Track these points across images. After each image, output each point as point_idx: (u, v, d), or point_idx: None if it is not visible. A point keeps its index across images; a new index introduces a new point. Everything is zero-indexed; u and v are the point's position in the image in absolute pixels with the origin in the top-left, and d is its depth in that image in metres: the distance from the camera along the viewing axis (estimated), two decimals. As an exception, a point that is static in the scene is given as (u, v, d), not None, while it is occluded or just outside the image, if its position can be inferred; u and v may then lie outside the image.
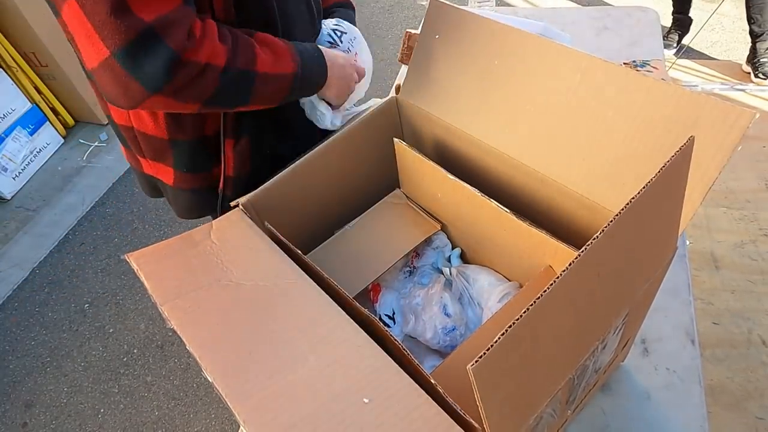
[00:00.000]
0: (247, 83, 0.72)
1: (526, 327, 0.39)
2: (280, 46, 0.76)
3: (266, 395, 0.54)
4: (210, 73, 0.67)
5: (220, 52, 0.67)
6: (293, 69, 0.77)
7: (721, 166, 0.57)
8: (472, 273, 0.85)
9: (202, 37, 0.65)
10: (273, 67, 0.74)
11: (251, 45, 0.73)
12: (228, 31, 0.71)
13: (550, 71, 0.70)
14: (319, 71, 0.83)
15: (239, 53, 0.70)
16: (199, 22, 0.66)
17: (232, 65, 0.69)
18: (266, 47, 0.75)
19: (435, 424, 0.50)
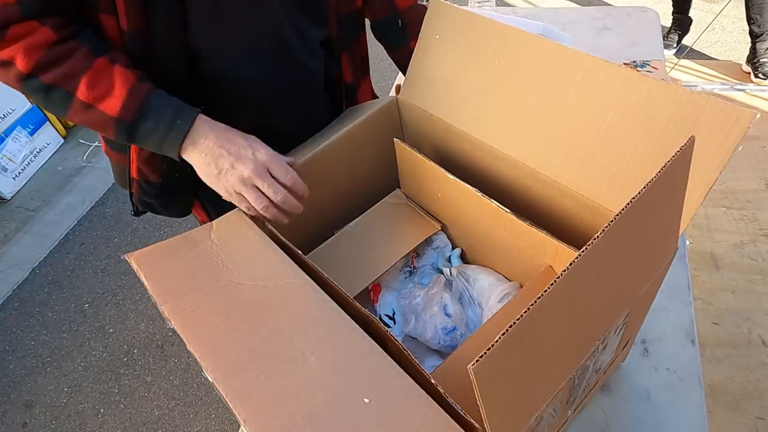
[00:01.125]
0: (61, 99, 0.71)
1: (527, 327, 0.39)
2: (123, 82, 0.71)
3: (266, 395, 0.54)
4: (12, 70, 0.68)
5: (25, 58, 0.68)
6: (118, 114, 0.71)
7: (722, 167, 0.57)
8: (472, 273, 0.85)
9: (13, 40, 0.67)
10: (95, 100, 0.71)
11: (81, 66, 0.70)
12: (67, 46, 0.70)
13: (551, 71, 0.70)
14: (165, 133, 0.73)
15: (57, 68, 0.69)
16: (22, 25, 0.67)
17: (40, 76, 0.69)
18: (105, 76, 0.71)
19: (435, 424, 0.50)
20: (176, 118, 0.73)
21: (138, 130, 0.73)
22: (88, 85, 0.70)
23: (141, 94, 0.72)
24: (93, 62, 0.70)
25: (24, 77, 0.69)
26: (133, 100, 0.71)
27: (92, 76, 0.70)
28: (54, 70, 0.69)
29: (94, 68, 0.70)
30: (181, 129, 0.73)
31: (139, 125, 0.72)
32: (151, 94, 0.73)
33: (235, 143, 0.74)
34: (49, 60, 0.69)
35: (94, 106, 0.71)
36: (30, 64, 0.68)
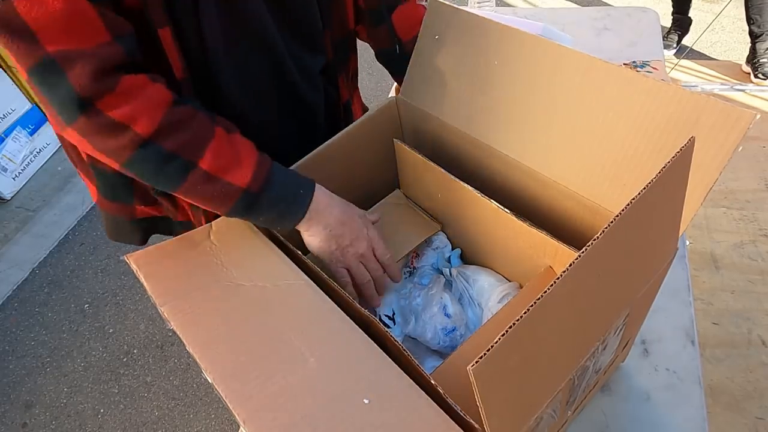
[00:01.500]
0: (178, 170, 0.64)
1: (527, 327, 0.39)
2: (247, 152, 0.67)
3: (266, 396, 0.54)
4: (128, 135, 0.60)
5: (146, 119, 0.60)
6: (247, 185, 0.66)
7: (722, 167, 0.57)
8: (472, 273, 0.85)
9: (128, 94, 0.59)
10: (221, 171, 0.65)
11: (206, 134, 0.65)
12: (186, 109, 0.64)
13: (550, 72, 0.70)
14: (288, 205, 0.70)
15: (179, 134, 0.62)
16: (138, 79, 0.60)
17: (160, 142, 0.61)
18: (228, 145, 0.66)
19: (435, 424, 0.50)
20: (298, 188, 0.71)
21: (261, 202, 0.68)
22: (214, 155, 0.64)
23: (267, 164, 0.68)
24: (215, 130, 0.65)
25: (142, 143, 0.60)
26: (261, 171, 0.67)
27: (218, 144, 0.65)
28: (177, 135, 0.62)
29: (218, 136, 0.65)
30: (304, 201, 0.71)
31: (263, 197, 0.68)
32: (273, 164, 0.70)
33: (354, 220, 0.75)
34: (172, 123, 0.62)
35: (220, 178, 0.65)
36: (152, 127, 0.60)
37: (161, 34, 0.64)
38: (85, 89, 0.57)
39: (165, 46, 0.65)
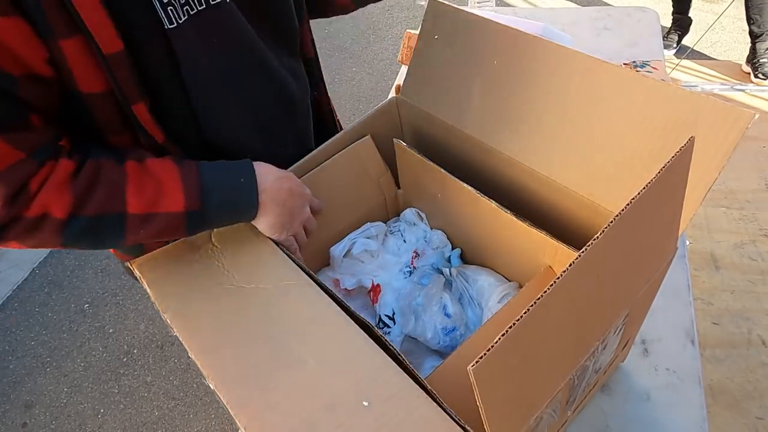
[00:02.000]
0: (113, 227, 0.62)
1: (527, 327, 0.39)
2: (168, 174, 0.64)
3: (266, 400, 0.54)
4: (48, 224, 0.59)
5: (57, 202, 0.58)
6: (185, 207, 0.63)
7: (721, 167, 0.57)
8: (472, 273, 0.85)
9: (36, 192, 0.58)
10: (152, 206, 0.62)
11: (118, 181, 0.61)
12: (89, 167, 0.61)
13: (550, 72, 0.70)
14: (237, 202, 0.68)
15: (94, 195, 0.60)
16: (42, 171, 0.58)
17: (81, 213, 0.59)
18: (146, 178, 0.63)
19: (435, 425, 0.50)
20: (238, 179, 0.67)
21: (209, 213, 0.65)
22: (137, 195, 0.62)
23: (193, 174, 0.65)
24: (125, 169, 0.62)
25: (64, 224, 0.59)
26: (192, 185, 0.64)
27: (134, 183, 0.62)
28: (92, 198, 0.60)
29: (130, 174, 0.62)
30: (251, 191, 0.68)
31: (209, 208, 0.65)
32: (199, 168, 0.66)
33: (296, 184, 0.74)
34: (82, 191, 0.59)
35: (156, 213, 0.63)
36: (66, 204, 0.59)
37: (136, 110, 0.62)
38: (2, 216, 0.56)
39: (141, 120, 0.64)
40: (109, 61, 0.57)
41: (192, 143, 0.71)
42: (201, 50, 0.65)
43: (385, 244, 0.92)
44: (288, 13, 0.78)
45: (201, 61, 0.65)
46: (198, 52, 0.65)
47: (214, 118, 0.71)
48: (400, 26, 3.42)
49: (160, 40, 0.61)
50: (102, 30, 0.55)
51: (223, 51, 0.68)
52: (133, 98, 0.61)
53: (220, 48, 0.67)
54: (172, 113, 0.67)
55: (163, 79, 0.64)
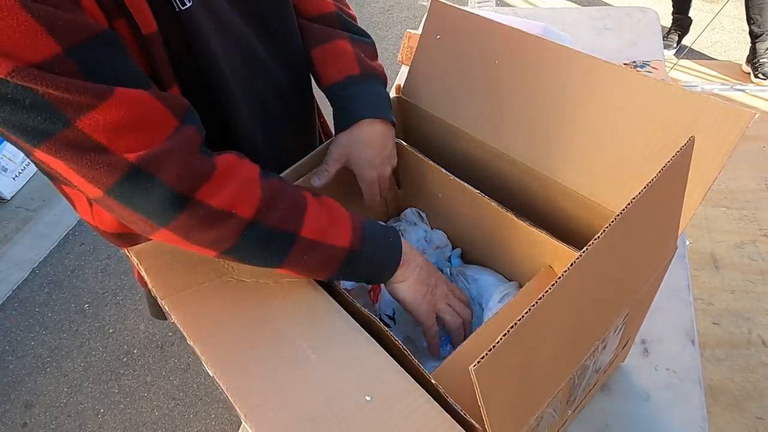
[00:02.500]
0: (282, 245, 0.60)
1: (528, 327, 0.39)
2: (339, 211, 0.65)
3: (267, 391, 0.54)
4: (232, 221, 0.56)
5: (246, 200, 0.57)
6: (349, 244, 0.64)
7: (721, 166, 0.57)
8: (472, 273, 0.85)
9: (225, 178, 0.55)
10: (322, 234, 0.62)
11: (300, 201, 0.62)
12: (275, 179, 0.62)
13: (551, 72, 0.70)
14: (386, 254, 0.69)
15: (279, 207, 0.59)
16: (225, 157, 0.57)
17: (264, 220, 0.58)
18: (322, 208, 0.64)
19: (437, 423, 0.50)
20: (387, 236, 0.68)
21: (362, 258, 0.65)
22: (313, 220, 0.61)
23: (358, 219, 0.66)
24: (304, 193, 0.63)
25: (247, 226, 0.57)
26: (358, 227, 0.65)
27: (313, 209, 0.62)
28: (277, 209, 0.59)
29: (310, 201, 0.63)
30: (397, 247, 0.69)
31: (365, 252, 0.65)
32: (361, 217, 0.67)
33: (432, 266, 0.75)
34: (270, 198, 0.58)
35: (322, 242, 0.62)
36: (254, 207, 0.57)
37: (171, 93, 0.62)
38: (182, 185, 0.53)
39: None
40: (148, 41, 0.56)
41: (214, 135, 0.70)
42: (208, 35, 0.64)
43: (386, 243, 0.92)
44: (276, 5, 0.77)
45: (211, 46, 0.65)
46: (206, 37, 0.64)
47: (228, 107, 0.70)
48: (400, 26, 3.42)
49: (176, 23, 0.60)
50: (140, 10, 0.55)
51: (222, 38, 0.67)
52: (168, 81, 0.61)
53: (220, 35, 0.67)
54: (196, 101, 0.65)
55: (186, 65, 0.63)
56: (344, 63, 0.80)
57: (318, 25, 0.82)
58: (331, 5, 0.84)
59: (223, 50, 0.67)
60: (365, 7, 3.63)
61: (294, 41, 0.80)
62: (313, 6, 0.83)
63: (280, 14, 0.77)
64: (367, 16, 3.51)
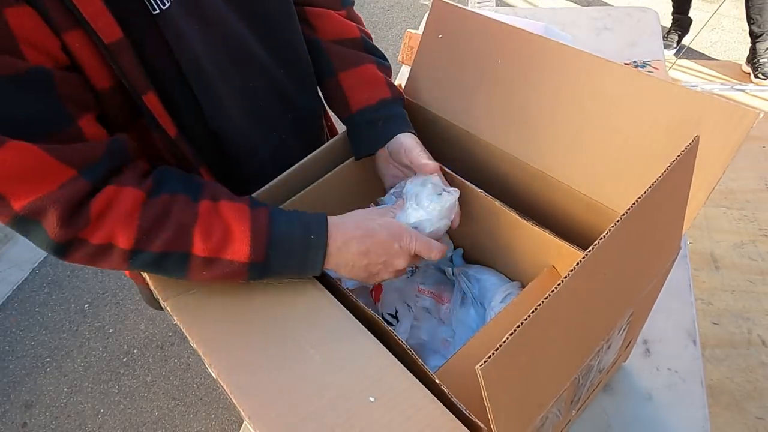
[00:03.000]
0: (177, 263, 0.60)
1: (535, 327, 0.39)
2: (239, 220, 0.61)
3: (271, 391, 0.54)
4: (115, 252, 0.58)
5: (123, 233, 0.57)
6: (249, 258, 0.61)
7: (725, 166, 0.57)
8: (474, 273, 0.85)
9: (101, 217, 0.56)
10: (217, 251, 0.60)
11: (187, 221, 0.60)
12: (161, 200, 0.60)
13: (554, 71, 0.70)
14: (304, 262, 0.64)
15: (160, 232, 0.59)
16: (104, 196, 0.57)
17: (146, 247, 0.58)
18: (216, 220, 0.61)
19: (440, 423, 0.50)
20: (308, 234, 0.64)
21: (272, 266, 0.63)
22: (204, 238, 0.60)
23: (263, 225, 0.62)
24: (197, 209, 0.61)
25: (130, 255, 0.58)
26: (260, 236, 0.61)
27: (203, 225, 0.60)
28: (159, 235, 0.58)
29: (202, 216, 0.61)
30: (319, 245, 0.64)
31: (273, 261, 0.62)
32: (271, 220, 0.63)
33: (379, 244, 0.67)
34: (150, 225, 0.58)
35: (218, 258, 0.60)
36: (131, 238, 0.58)
37: (147, 101, 0.62)
38: (60, 236, 0.56)
39: (154, 111, 0.63)
40: (112, 50, 0.56)
41: (202, 138, 0.71)
42: (190, 37, 0.64)
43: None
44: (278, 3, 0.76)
45: (192, 47, 0.64)
46: (187, 38, 0.64)
47: (216, 109, 0.70)
48: (401, 26, 3.42)
49: (152, 27, 0.60)
50: (100, 19, 0.54)
51: (208, 37, 0.67)
52: (141, 88, 0.61)
53: (205, 34, 0.66)
54: (180, 106, 0.66)
55: (164, 68, 0.63)
56: (377, 87, 0.82)
57: (344, 48, 0.84)
58: (355, 30, 0.85)
59: (209, 51, 0.67)
60: (365, 7, 3.62)
61: (296, 41, 0.80)
62: (336, 29, 0.84)
63: (282, 14, 0.77)
64: (367, 16, 3.51)
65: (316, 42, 0.83)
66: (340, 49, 0.83)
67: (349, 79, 0.83)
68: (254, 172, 0.78)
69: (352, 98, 0.82)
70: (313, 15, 0.83)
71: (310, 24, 0.84)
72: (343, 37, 0.84)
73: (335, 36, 0.84)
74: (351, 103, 0.82)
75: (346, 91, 0.83)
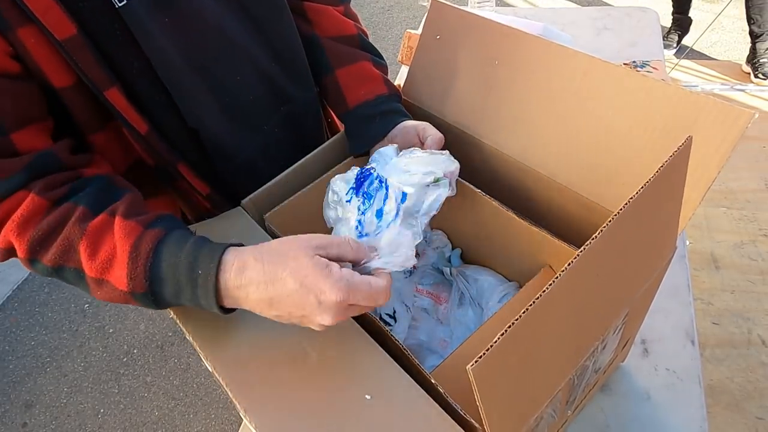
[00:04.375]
0: (75, 278, 0.56)
1: (526, 327, 0.39)
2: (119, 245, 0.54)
3: (268, 386, 0.54)
4: (19, 258, 0.57)
5: (20, 241, 0.55)
6: (128, 287, 0.54)
7: (721, 166, 0.57)
8: (472, 273, 0.85)
9: (2, 222, 0.55)
10: (103, 272, 0.55)
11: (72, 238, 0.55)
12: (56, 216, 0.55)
13: (551, 72, 0.70)
14: (194, 296, 0.54)
15: (50, 245, 0.55)
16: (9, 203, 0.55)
17: (40, 258, 0.56)
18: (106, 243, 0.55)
19: (436, 423, 0.50)
20: (194, 270, 0.53)
21: (161, 296, 0.55)
22: (88, 256, 0.54)
23: (144, 250, 0.54)
24: (88, 224, 0.55)
25: (30, 264, 0.56)
26: (137, 264, 0.54)
27: (89, 242, 0.55)
28: (49, 247, 0.55)
29: (90, 231, 0.55)
30: (206, 286, 0.53)
31: (158, 291, 0.55)
32: (158, 246, 0.54)
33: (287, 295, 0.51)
34: (41, 236, 0.55)
35: (105, 280, 0.55)
36: (24, 247, 0.55)
37: (110, 97, 0.60)
38: None
39: (118, 107, 0.61)
40: (66, 46, 0.55)
41: (178, 133, 0.70)
42: (158, 29, 0.62)
43: (386, 243, 0.92)
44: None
45: (160, 41, 0.63)
46: (155, 32, 0.62)
47: (191, 104, 0.69)
48: (400, 26, 3.42)
49: (114, 21, 0.59)
50: (50, 15, 0.54)
51: (180, 30, 0.65)
52: (103, 84, 0.59)
53: (177, 27, 0.65)
54: (151, 100, 0.65)
55: (129, 61, 0.62)
56: (373, 83, 0.82)
57: (341, 45, 0.83)
58: (352, 27, 0.85)
59: (180, 44, 0.65)
60: (365, 7, 3.63)
61: (287, 32, 0.79)
62: (334, 25, 0.84)
63: (270, 5, 0.75)
64: (367, 16, 3.51)
65: (314, 38, 0.83)
66: (337, 46, 0.83)
67: (346, 76, 0.83)
68: (242, 168, 0.78)
69: (349, 95, 0.82)
70: (312, 10, 0.83)
71: (308, 19, 0.83)
72: (341, 33, 0.84)
73: (333, 33, 0.84)
74: (348, 100, 0.82)
75: (343, 88, 0.83)
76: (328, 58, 0.83)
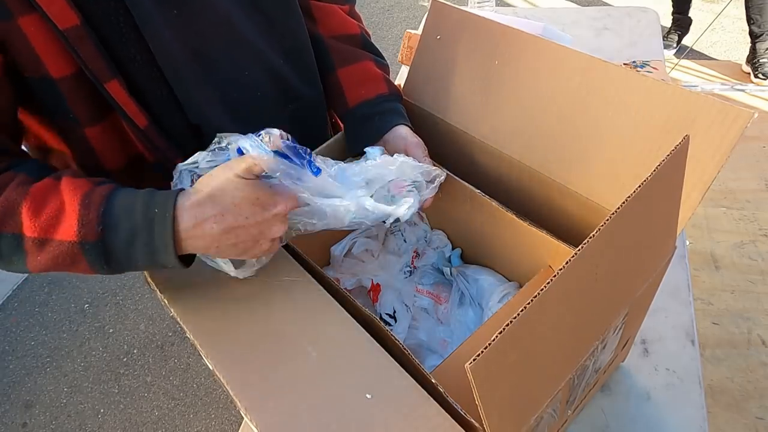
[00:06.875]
0: (11, 247, 0.54)
1: (525, 325, 0.39)
2: (68, 198, 0.54)
3: (268, 385, 0.55)
4: None
5: None
6: (77, 236, 0.53)
7: (720, 166, 0.57)
8: (472, 273, 0.85)
9: None
10: (47, 231, 0.53)
11: (16, 198, 0.54)
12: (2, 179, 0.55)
13: (550, 72, 0.70)
14: (149, 237, 0.54)
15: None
16: None
17: None
18: (52, 202, 0.54)
19: (436, 422, 0.50)
20: (150, 207, 0.54)
21: (113, 247, 0.54)
22: (31, 215, 0.53)
23: (97, 198, 0.54)
24: (31, 186, 0.55)
25: None
26: (90, 210, 0.53)
27: (33, 201, 0.54)
28: None
29: (34, 192, 0.54)
30: (163, 223, 0.53)
31: (110, 239, 0.53)
32: (111, 193, 0.55)
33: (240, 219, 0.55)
34: None
35: (49, 239, 0.53)
36: None
37: (110, 89, 0.59)
38: None
39: (119, 100, 0.61)
40: (68, 36, 0.55)
41: (178, 128, 0.69)
42: (164, 22, 0.62)
43: (386, 243, 0.93)
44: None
45: (166, 33, 0.63)
46: (161, 24, 0.62)
47: (194, 99, 0.69)
48: (400, 26, 3.42)
49: (119, 11, 0.58)
50: (54, 4, 0.53)
51: (187, 23, 0.65)
52: (103, 76, 0.59)
53: (184, 20, 0.64)
54: (151, 94, 0.65)
55: (132, 54, 0.61)
56: (374, 83, 0.82)
57: (344, 44, 0.83)
58: (356, 27, 0.85)
59: (185, 37, 0.65)
60: (365, 7, 3.63)
61: (297, 29, 0.79)
62: (338, 25, 0.84)
63: (280, 1, 0.75)
64: (367, 16, 3.51)
65: (318, 36, 0.83)
66: (339, 45, 0.83)
67: (348, 75, 0.83)
68: None
69: (349, 94, 0.82)
70: (317, 8, 0.83)
71: (313, 17, 0.83)
72: (344, 33, 0.84)
73: (336, 32, 0.84)
74: (348, 99, 0.82)
75: (344, 87, 0.83)
76: (330, 57, 0.83)
